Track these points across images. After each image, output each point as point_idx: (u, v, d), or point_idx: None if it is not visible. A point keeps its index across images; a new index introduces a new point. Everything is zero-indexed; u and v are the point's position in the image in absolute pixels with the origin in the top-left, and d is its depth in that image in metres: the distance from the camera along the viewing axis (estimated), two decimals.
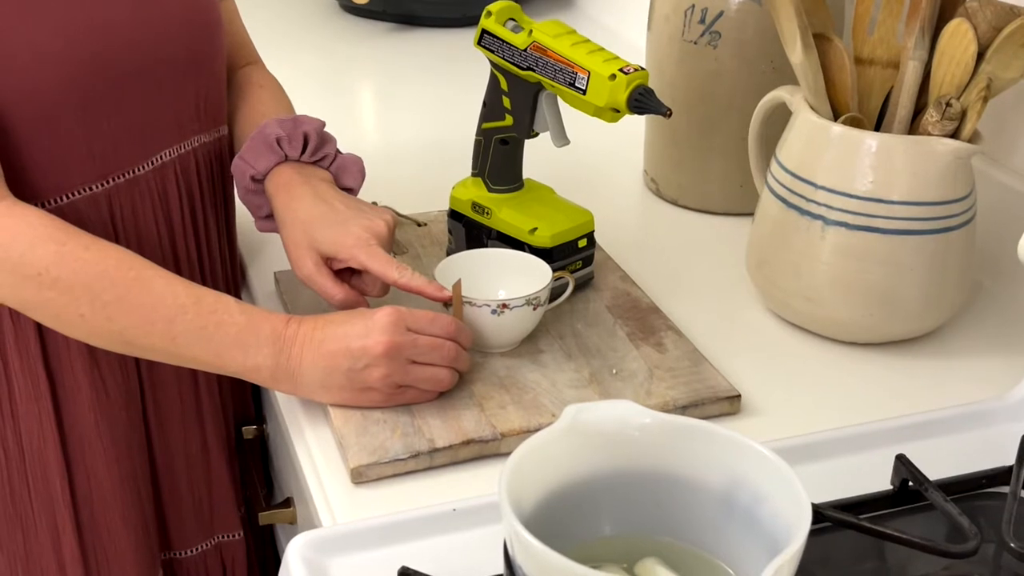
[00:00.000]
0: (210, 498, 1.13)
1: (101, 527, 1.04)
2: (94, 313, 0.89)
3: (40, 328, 0.97)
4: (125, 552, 1.05)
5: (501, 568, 0.66)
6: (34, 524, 1.02)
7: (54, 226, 0.90)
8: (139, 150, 0.99)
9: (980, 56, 0.95)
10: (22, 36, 0.89)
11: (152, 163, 1.00)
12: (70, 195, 0.95)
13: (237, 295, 1.15)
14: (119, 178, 0.98)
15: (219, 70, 1.06)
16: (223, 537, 1.16)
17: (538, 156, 1.14)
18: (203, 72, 1.03)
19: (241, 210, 1.17)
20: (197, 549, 1.15)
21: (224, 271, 1.12)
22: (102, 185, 0.97)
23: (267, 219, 1.05)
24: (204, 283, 1.08)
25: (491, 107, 1.07)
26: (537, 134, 1.07)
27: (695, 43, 1.22)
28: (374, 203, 1.23)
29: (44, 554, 1.03)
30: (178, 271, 1.04)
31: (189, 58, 1.01)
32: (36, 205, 0.93)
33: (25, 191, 0.92)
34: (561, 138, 1.06)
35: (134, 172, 0.99)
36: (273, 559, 1.24)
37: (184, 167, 1.04)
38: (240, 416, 1.18)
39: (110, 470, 1.03)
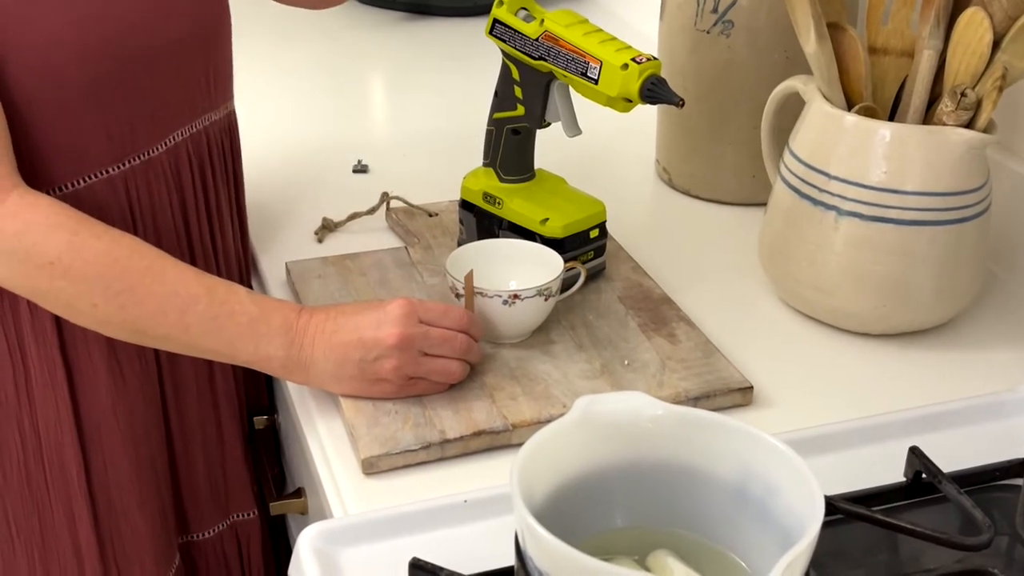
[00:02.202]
0: (225, 478, 1.14)
1: (118, 513, 1.04)
2: (106, 302, 0.89)
3: (57, 315, 0.97)
4: (142, 537, 1.06)
5: (512, 560, 0.65)
6: (50, 510, 1.03)
7: (66, 215, 0.90)
8: (154, 131, 0.99)
9: (995, 45, 0.94)
10: (35, 22, 0.89)
11: (166, 144, 1.00)
12: (87, 179, 0.95)
13: (248, 280, 1.16)
14: (135, 160, 0.98)
15: (226, 43, 1.07)
16: (238, 516, 1.16)
17: (550, 146, 1.14)
18: (212, 47, 1.03)
19: (251, 197, 1.17)
20: (213, 531, 1.15)
21: (236, 255, 1.12)
22: (118, 168, 0.97)
23: None
24: (217, 268, 1.08)
25: (503, 97, 1.07)
26: (549, 124, 1.06)
27: (708, 32, 1.21)
28: (385, 193, 1.23)
29: (60, 539, 1.04)
30: (191, 255, 1.04)
31: (199, 34, 1.01)
32: (54, 190, 0.94)
33: (43, 176, 0.93)
34: (573, 128, 1.05)
35: (149, 154, 0.99)
36: (286, 537, 1.24)
37: (196, 146, 1.04)
38: (253, 397, 1.18)
39: (127, 455, 1.03)
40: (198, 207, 1.05)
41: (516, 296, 0.96)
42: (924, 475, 0.82)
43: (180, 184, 1.03)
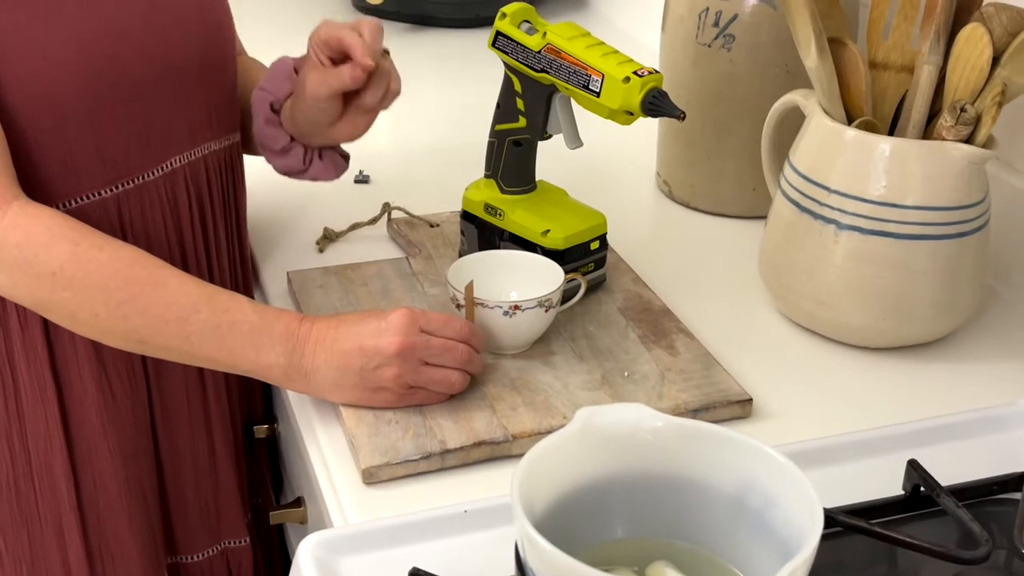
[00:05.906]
0: (216, 504, 1.13)
1: (107, 530, 1.04)
2: (108, 312, 0.90)
3: (47, 331, 0.97)
4: (131, 555, 1.05)
5: (512, 570, 0.66)
6: (40, 526, 1.02)
7: (68, 226, 0.90)
8: (150, 156, 0.99)
9: (995, 61, 0.94)
10: (36, 42, 0.89)
11: (162, 169, 1.00)
12: (79, 199, 0.95)
13: (249, 295, 1.15)
14: (128, 183, 0.98)
15: (230, 77, 1.06)
16: (230, 543, 1.15)
17: (551, 158, 1.14)
18: (215, 80, 1.03)
19: (251, 209, 1.17)
20: (203, 555, 1.14)
21: (233, 274, 1.12)
22: (111, 190, 0.97)
23: (281, 153, 1.04)
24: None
25: (504, 109, 1.07)
26: (550, 136, 1.07)
27: (709, 46, 1.22)
28: (386, 204, 1.23)
29: (49, 556, 1.03)
30: None
31: (202, 66, 1.01)
32: None
33: (35, 194, 0.92)
34: (574, 140, 1.06)
35: (144, 178, 0.99)
36: (280, 565, 1.24)
37: (194, 173, 1.03)
38: (248, 420, 1.17)
39: (116, 473, 1.03)
40: (194, 232, 1.05)
41: (517, 307, 0.96)
42: (923, 488, 0.82)
43: (176, 208, 1.02)
